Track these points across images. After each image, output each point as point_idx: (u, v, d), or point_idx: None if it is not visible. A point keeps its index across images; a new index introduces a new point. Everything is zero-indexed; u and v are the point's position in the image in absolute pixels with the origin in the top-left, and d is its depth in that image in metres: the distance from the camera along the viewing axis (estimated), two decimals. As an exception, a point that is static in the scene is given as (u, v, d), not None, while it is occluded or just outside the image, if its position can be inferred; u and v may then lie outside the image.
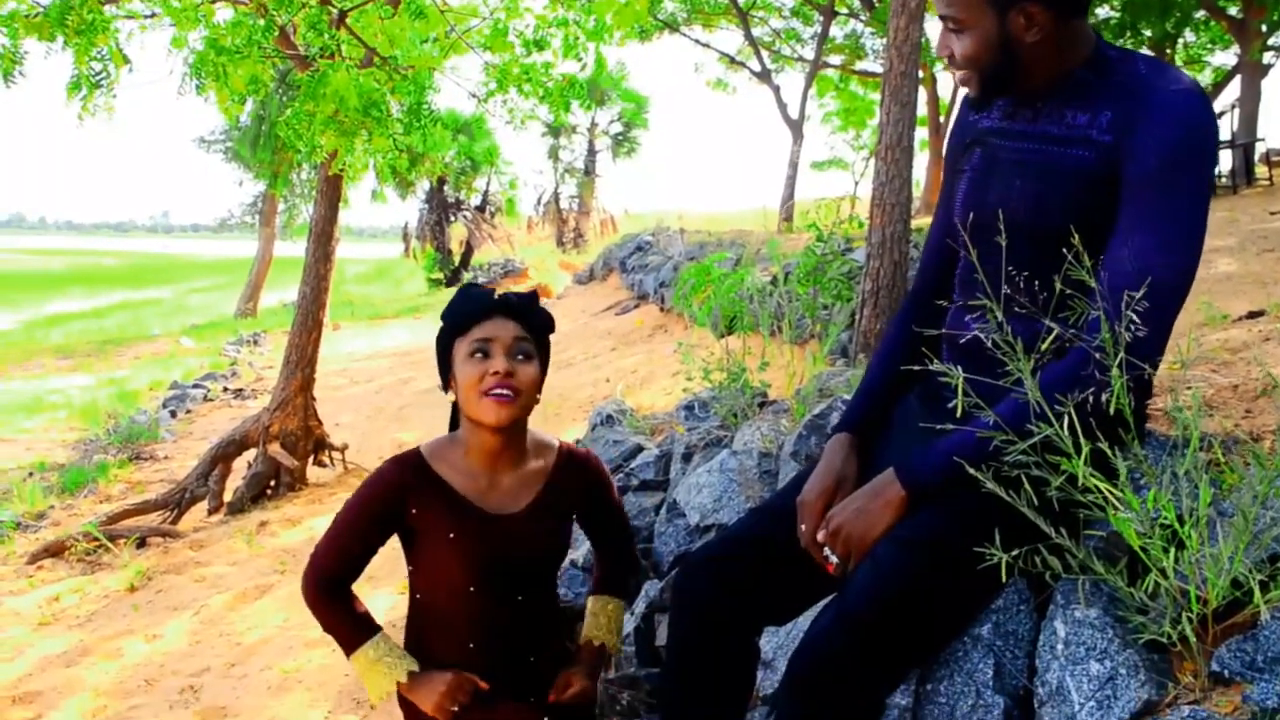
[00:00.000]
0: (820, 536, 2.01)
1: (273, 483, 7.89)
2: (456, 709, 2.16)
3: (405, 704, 2.28)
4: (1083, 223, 1.88)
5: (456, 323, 2.21)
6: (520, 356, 2.17)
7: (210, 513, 7.65)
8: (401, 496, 2.19)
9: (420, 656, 2.25)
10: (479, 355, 2.15)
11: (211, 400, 13.24)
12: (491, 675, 2.23)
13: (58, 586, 6.14)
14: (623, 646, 2.47)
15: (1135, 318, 1.72)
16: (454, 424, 2.34)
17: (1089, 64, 1.95)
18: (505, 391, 2.12)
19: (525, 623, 2.28)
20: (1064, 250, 1.86)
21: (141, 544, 6.92)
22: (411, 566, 2.29)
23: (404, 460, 2.25)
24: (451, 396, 2.22)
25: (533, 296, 2.27)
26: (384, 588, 5.11)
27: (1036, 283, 1.91)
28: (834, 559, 1.97)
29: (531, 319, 2.23)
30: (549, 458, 2.33)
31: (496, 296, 2.22)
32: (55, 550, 6.69)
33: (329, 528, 2.27)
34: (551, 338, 2.37)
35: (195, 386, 13.76)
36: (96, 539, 6.73)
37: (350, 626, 2.24)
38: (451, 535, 2.18)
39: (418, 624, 2.31)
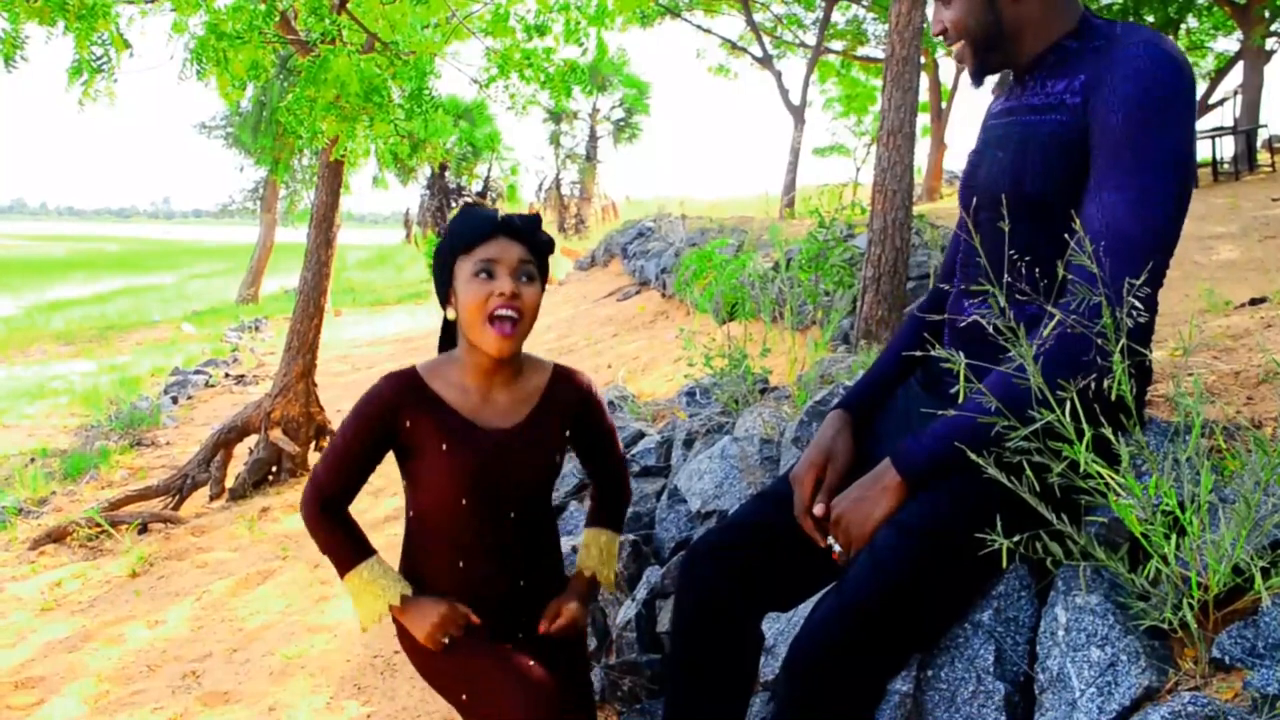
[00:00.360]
0: (817, 510, 2.02)
1: (274, 469, 7.90)
2: (447, 640, 2.18)
3: (401, 629, 2.31)
4: (1061, 189, 1.87)
5: (460, 241, 2.21)
6: (524, 278, 2.19)
7: (212, 499, 7.66)
8: (395, 411, 2.21)
9: (413, 579, 2.30)
10: (484, 276, 2.16)
11: (213, 386, 13.23)
12: (481, 600, 2.27)
13: (60, 572, 6.15)
14: (616, 577, 2.48)
15: (1136, 304, 1.71)
16: (445, 344, 2.38)
17: (1074, 34, 1.96)
18: (510, 312, 2.14)
19: (517, 544, 2.31)
20: (1045, 220, 1.86)
21: (143, 530, 6.92)
22: (407, 483, 2.33)
23: (399, 376, 2.27)
24: (451, 314, 2.24)
25: (536, 219, 2.28)
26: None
27: (1027, 259, 1.90)
28: (836, 547, 1.98)
29: (534, 241, 2.25)
30: (543, 376, 2.37)
31: (500, 218, 2.23)
32: (57, 536, 6.70)
33: (326, 448, 2.31)
34: (552, 324, 2.41)
35: (197, 372, 13.76)
36: (98, 525, 6.74)
37: (347, 546, 2.27)
38: (444, 448, 2.21)
39: (412, 545, 2.36)
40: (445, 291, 2.26)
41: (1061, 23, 1.96)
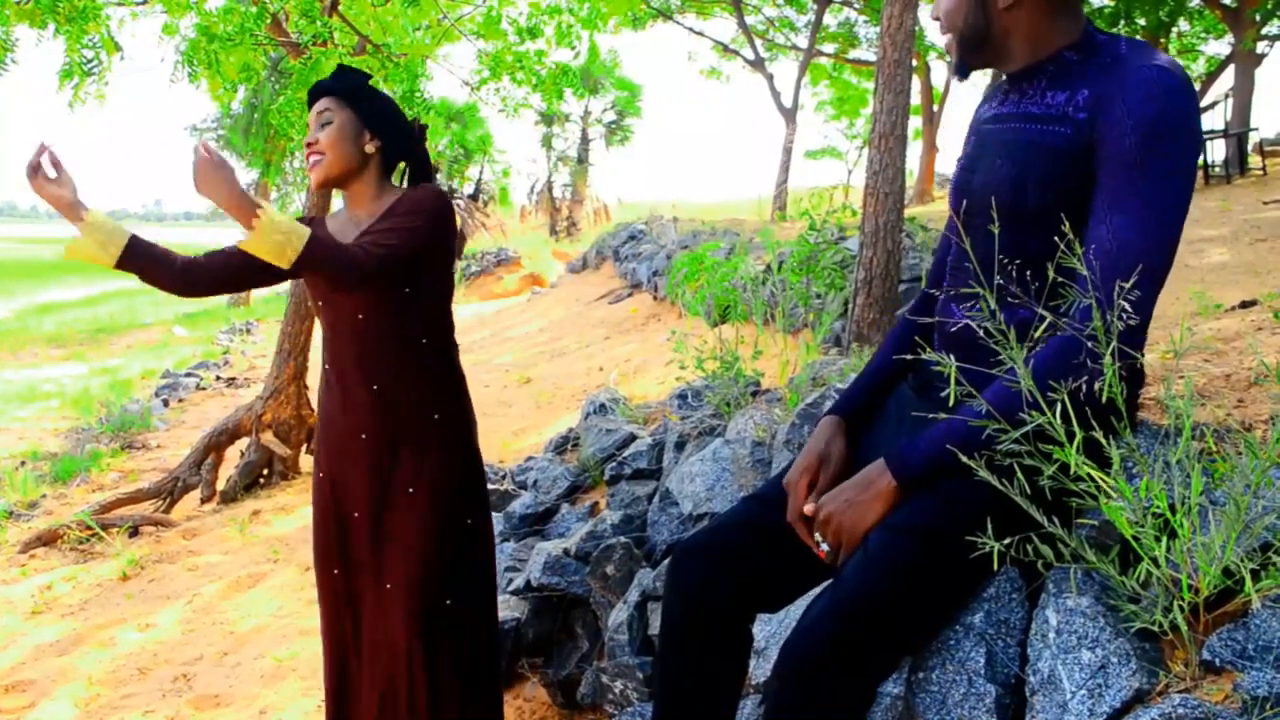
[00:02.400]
0: (808, 509, 2.02)
1: (265, 471, 7.89)
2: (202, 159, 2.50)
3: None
4: (1060, 201, 1.88)
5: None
6: (322, 125, 2.67)
7: (203, 501, 7.65)
8: None
9: (320, 394, 2.82)
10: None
11: (204, 389, 13.22)
12: (341, 396, 2.70)
13: (50, 575, 6.14)
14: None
15: (1128, 306, 1.72)
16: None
17: (1075, 46, 1.96)
18: (314, 157, 2.66)
19: (370, 349, 2.65)
20: (1043, 230, 1.86)
21: (134, 533, 6.92)
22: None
23: (307, 219, 2.83)
24: None
25: (337, 71, 2.78)
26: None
27: (1020, 264, 1.91)
28: (825, 546, 1.98)
29: (332, 85, 2.72)
30: (395, 196, 2.72)
31: (314, 87, 2.77)
32: (48, 539, 6.69)
33: None
34: (545, 326, 2.57)
35: (188, 375, 13.75)
36: (89, 528, 6.73)
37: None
38: None
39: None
40: None
41: (1061, 35, 1.96)
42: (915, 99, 17.93)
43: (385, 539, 2.66)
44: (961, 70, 2.12)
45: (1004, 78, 2.10)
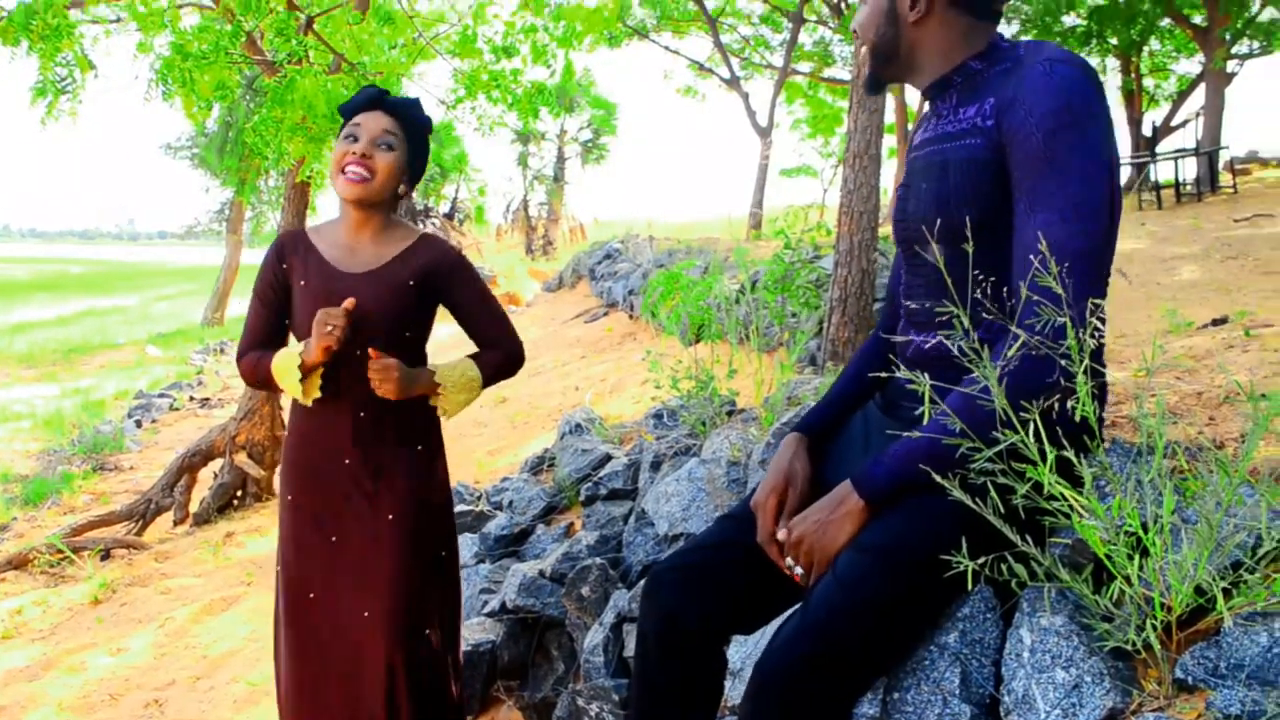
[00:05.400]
0: (780, 535, 2.02)
1: (239, 493, 7.84)
2: (336, 332, 2.48)
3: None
4: (986, 212, 1.89)
5: (343, 113, 2.67)
6: (384, 146, 2.59)
7: (176, 524, 7.59)
8: (280, 257, 2.68)
9: (294, 414, 2.74)
10: (349, 139, 2.58)
11: (178, 409, 13.14)
12: (327, 427, 2.65)
13: (20, 599, 6.07)
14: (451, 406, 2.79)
15: (1065, 296, 1.71)
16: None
17: (980, 56, 1.99)
18: (360, 171, 2.55)
19: (361, 380, 2.59)
20: (981, 247, 1.87)
21: (106, 556, 6.86)
22: (289, 324, 2.73)
23: (289, 232, 2.76)
24: None
25: (414, 101, 2.72)
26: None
27: (964, 283, 1.92)
28: (798, 570, 1.97)
29: (403, 115, 2.67)
30: (410, 237, 2.72)
31: (377, 94, 2.67)
32: (18, 563, 6.62)
33: None
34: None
35: (161, 396, 13.66)
36: (60, 551, 6.66)
37: (266, 357, 2.66)
38: (302, 283, 2.63)
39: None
40: None
41: (966, 47, 1.99)
42: (890, 117, 18.04)
43: (364, 567, 2.64)
44: (872, 83, 2.19)
45: (924, 99, 2.13)
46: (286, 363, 2.58)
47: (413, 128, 2.69)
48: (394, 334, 2.63)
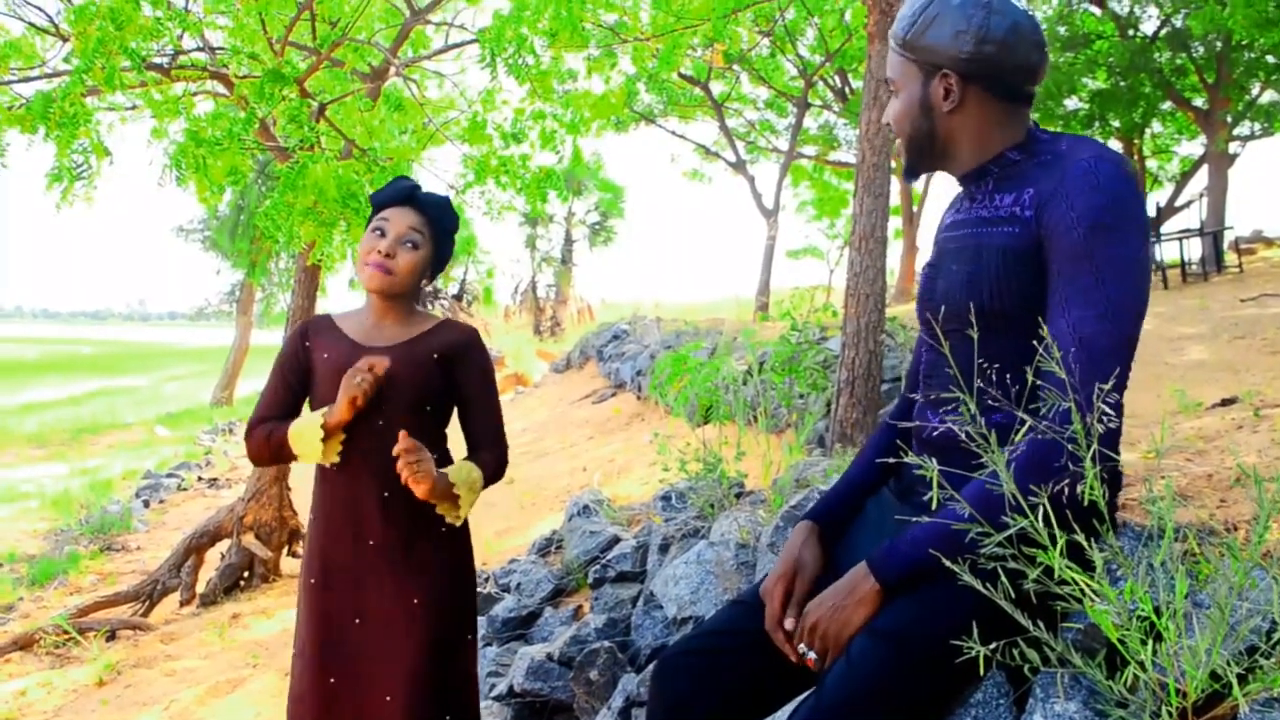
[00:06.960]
0: (788, 624, 2.01)
1: (246, 574, 7.81)
2: (364, 386, 2.54)
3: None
4: (1020, 302, 1.90)
5: (374, 203, 2.75)
6: (409, 245, 2.68)
7: (182, 604, 7.55)
8: (304, 338, 2.77)
9: (318, 498, 2.75)
10: (377, 233, 2.67)
11: (185, 490, 13.12)
12: (349, 504, 2.66)
13: (25, 680, 6.03)
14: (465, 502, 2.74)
15: (1105, 407, 1.73)
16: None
17: (1019, 147, 2.01)
18: (384, 267, 2.64)
19: (384, 453, 2.56)
20: (1008, 332, 1.89)
21: (111, 637, 6.81)
22: (309, 401, 2.78)
23: (315, 317, 2.84)
24: None
25: (444, 200, 2.81)
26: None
27: (989, 368, 1.92)
28: (811, 655, 1.96)
29: (432, 214, 2.75)
30: (432, 322, 2.81)
31: (408, 189, 2.74)
32: (24, 643, 6.58)
33: None
34: (528, 426, 2.61)
35: (169, 476, 13.65)
36: (66, 632, 6.62)
37: (281, 427, 2.69)
38: (325, 356, 2.70)
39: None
40: None
41: (1004, 137, 2.01)
42: (895, 200, 18.18)
43: (387, 650, 2.62)
44: (910, 173, 2.19)
45: (959, 186, 2.15)
46: (305, 426, 2.61)
47: (439, 227, 2.77)
48: (416, 405, 2.67)
